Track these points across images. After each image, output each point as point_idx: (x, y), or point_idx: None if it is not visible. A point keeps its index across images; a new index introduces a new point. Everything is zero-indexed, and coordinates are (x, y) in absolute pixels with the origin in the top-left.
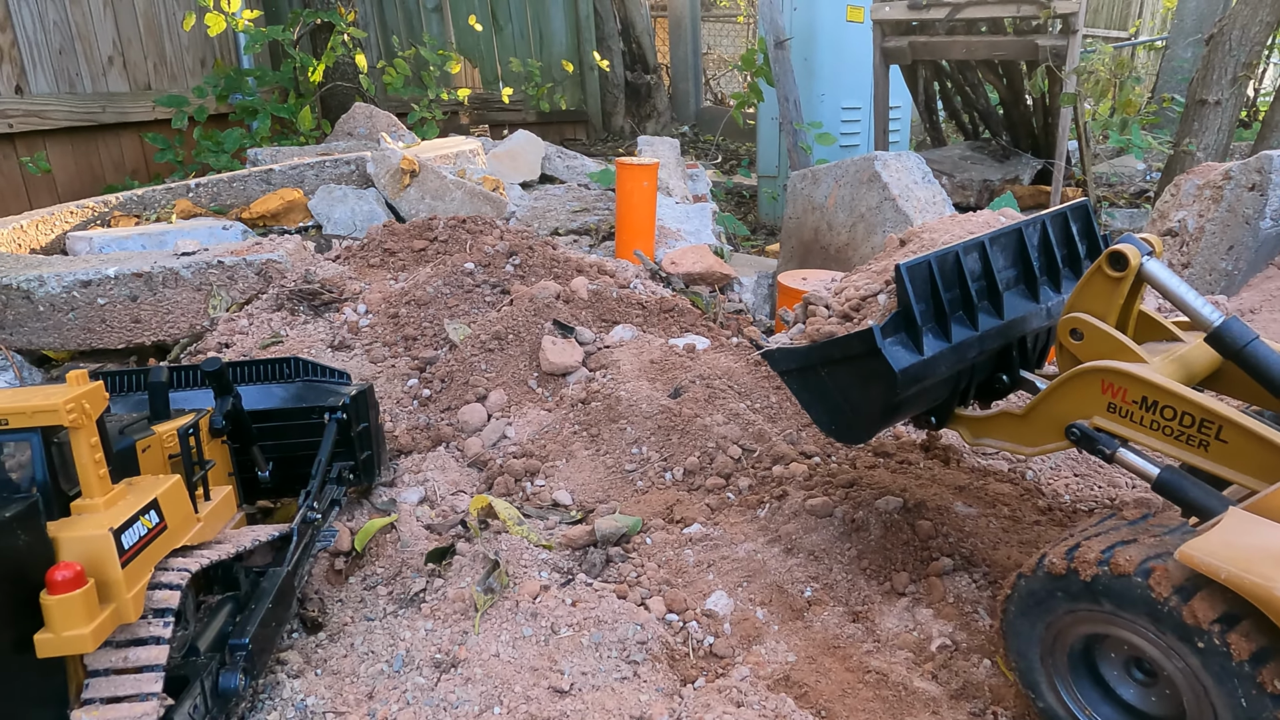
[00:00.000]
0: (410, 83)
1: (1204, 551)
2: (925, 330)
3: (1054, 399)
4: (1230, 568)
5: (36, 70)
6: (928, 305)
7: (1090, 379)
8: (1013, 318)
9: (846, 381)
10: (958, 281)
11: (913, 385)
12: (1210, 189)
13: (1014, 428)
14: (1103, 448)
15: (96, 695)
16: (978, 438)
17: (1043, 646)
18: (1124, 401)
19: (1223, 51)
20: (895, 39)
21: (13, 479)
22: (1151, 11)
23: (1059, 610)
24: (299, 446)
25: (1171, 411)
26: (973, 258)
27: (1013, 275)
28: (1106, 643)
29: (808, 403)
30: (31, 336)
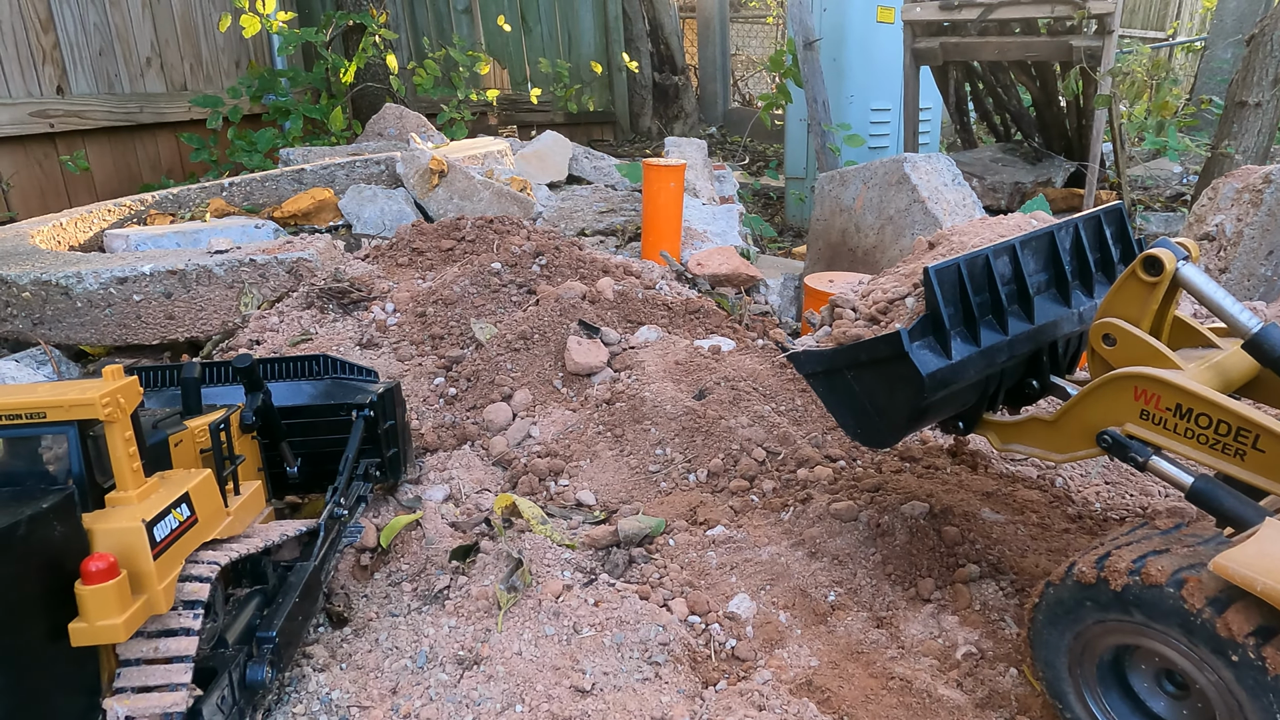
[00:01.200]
0: (440, 84)
1: (1239, 563)
2: (953, 334)
3: (1085, 405)
4: (1266, 579)
5: (77, 71)
6: (956, 309)
7: (1123, 385)
8: (1043, 322)
9: (873, 385)
10: (987, 285)
11: (940, 390)
12: (1249, 193)
13: (1044, 434)
14: (1135, 455)
15: (128, 684)
16: (1006, 444)
17: (1071, 656)
18: (1158, 409)
19: (1264, 52)
20: (926, 40)
21: (49, 471)
22: (1190, 12)
23: (1088, 620)
24: (327, 443)
25: (1207, 419)
26: (1003, 261)
27: (1044, 279)
28: (1137, 654)
29: (833, 406)
30: (69, 332)
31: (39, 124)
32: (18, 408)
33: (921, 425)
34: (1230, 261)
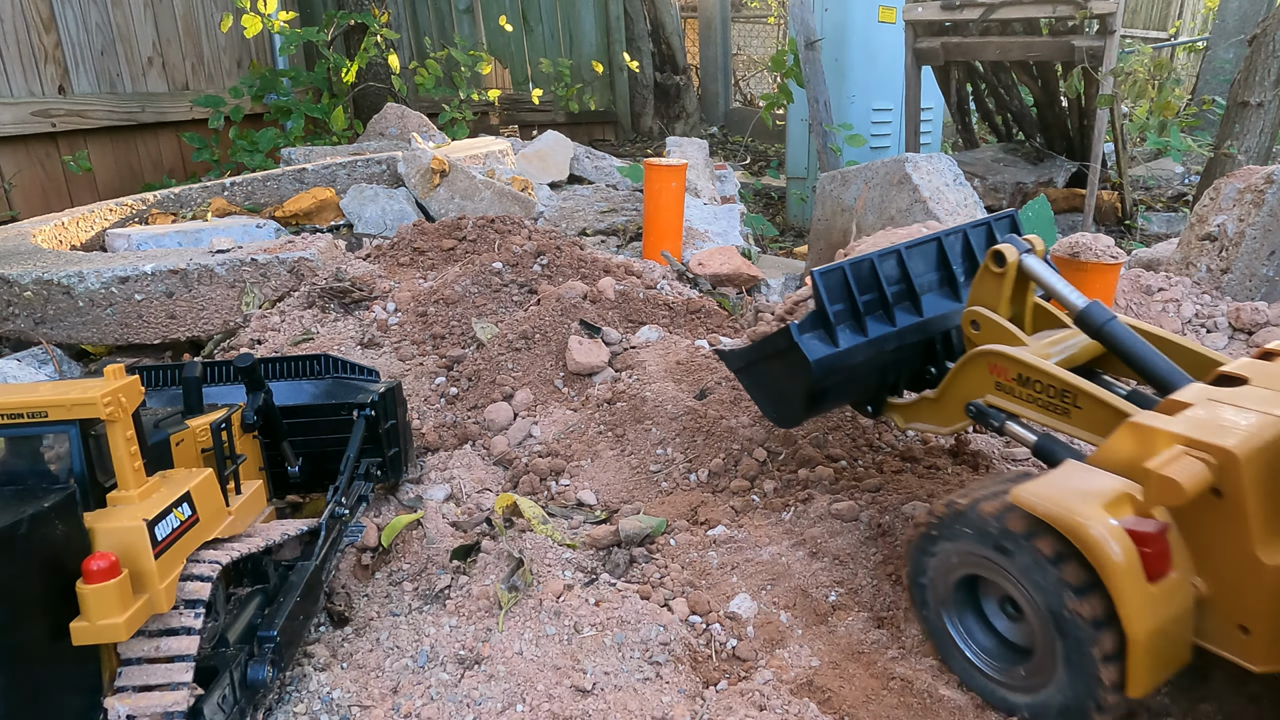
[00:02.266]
0: (441, 83)
1: (1027, 491)
2: (840, 327)
3: (956, 382)
4: (1044, 502)
5: (79, 71)
6: (845, 305)
7: (980, 362)
8: (932, 315)
9: (778, 373)
10: (874, 285)
11: (831, 375)
12: (1251, 193)
13: (931, 411)
14: (993, 421)
15: (129, 683)
16: (908, 423)
17: (933, 581)
18: (1006, 380)
19: (1266, 53)
20: (928, 40)
21: (51, 470)
22: (1192, 12)
23: (943, 548)
24: (328, 442)
25: (1040, 385)
26: (889, 263)
27: (934, 279)
28: (985, 584)
29: (754, 394)
30: (71, 331)
31: (41, 123)
32: (19, 407)
33: (824, 407)
34: (1232, 262)
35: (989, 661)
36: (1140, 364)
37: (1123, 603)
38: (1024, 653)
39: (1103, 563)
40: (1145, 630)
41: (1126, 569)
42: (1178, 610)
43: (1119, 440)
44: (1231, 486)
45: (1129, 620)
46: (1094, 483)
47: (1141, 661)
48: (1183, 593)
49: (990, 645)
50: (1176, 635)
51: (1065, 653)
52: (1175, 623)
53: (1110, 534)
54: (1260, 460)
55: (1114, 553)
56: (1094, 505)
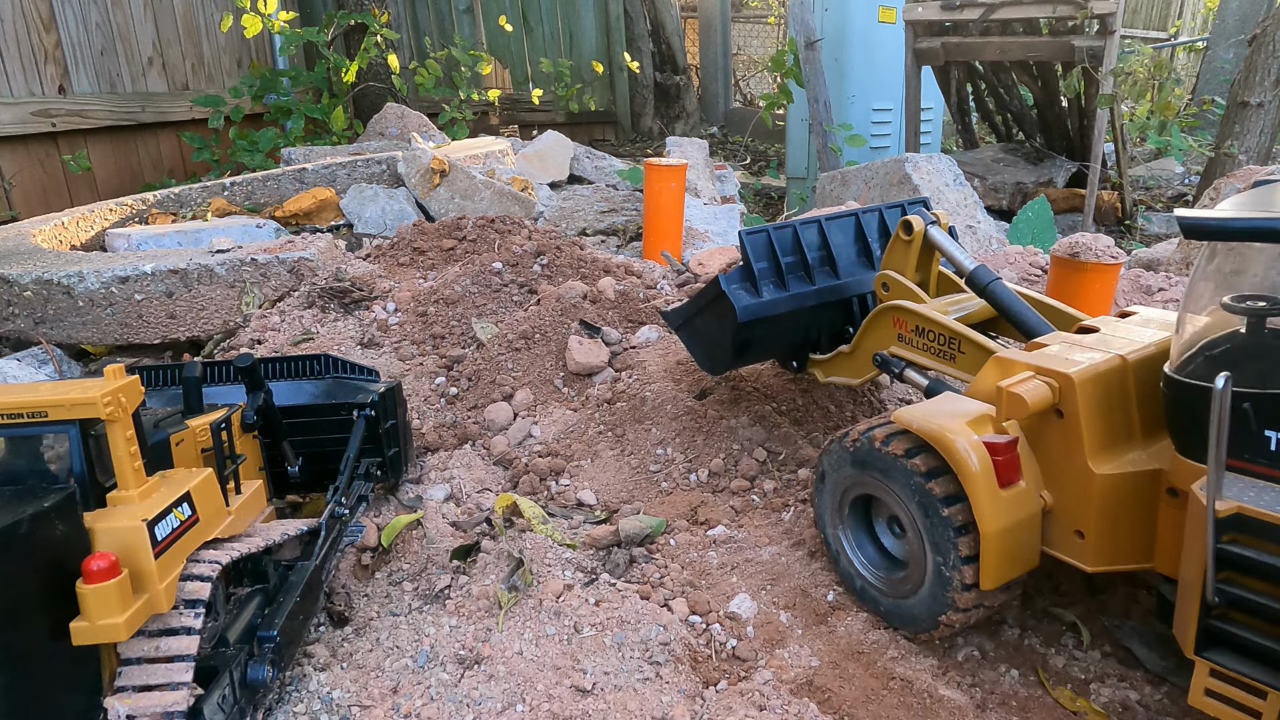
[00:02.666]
0: (441, 83)
1: (907, 413)
2: (764, 282)
3: (865, 336)
4: (919, 420)
5: (79, 71)
6: (768, 264)
7: (885, 316)
8: (849, 279)
9: (710, 323)
10: (797, 249)
11: (756, 326)
12: None
13: (846, 364)
14: (894, 369)
15: (129, 683)
16: (827, 376)
17: (832, 502)
18: (907, 331)
19: (1266, 53)
20: (928, 40)
21: (51, 470)
22: (1192, 12)
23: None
24: (328, 442)
25: (933, 334)
26: (811, 231)
27: (853, 250)
28: (876, 505)
29: (691, 348)
30: (71, 331)
31: (41, 123)
32: (19, 407)
33: (751, 356)
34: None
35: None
36: (1016, 318)
37: (978, 505)
38: (904, 565)
39: (963, 470)
40: (996, 529)
41: (982, 475)
42: (1025, 515)
43: (985, 372)
44: (1070, 407)
45: (982, 520)
46: (962, 406)
47: (993, 557)
48: (1030, 500)
49: (876, 558)
50: (1024, 539)
51: (932, 543)
52: (1023, 526)
53: (970, 446)
54: (1094, 386)
55: (972, 462)
56: (959, 423)
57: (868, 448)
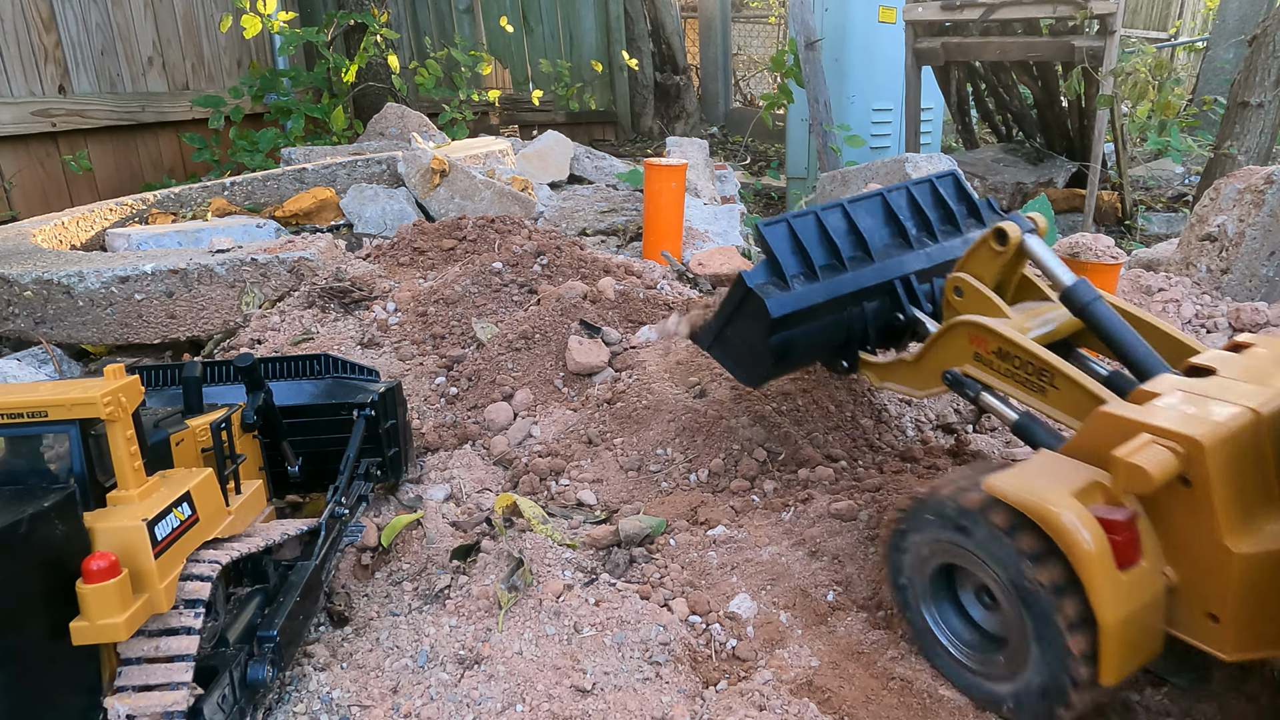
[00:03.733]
0: (441, 83)
1: (1003, 481)
2: (792, 275)
3: (935, 349)
4: (1017, 491)
5: (79, 71)
6: (794, 255)
7: (960, 332)
8: (886, 261)
9: (743, 330)
10: (823, 236)
11: (791, 321)
12: (1251, 193)
13: (907, 373)
14: (968, 391)
15: (129, 683)
16: (882, 381)
17: (911, 568)
18: (986, 352)
19: (1266, 53)
20: (928, 40)
21: (51, 470)
22: (1192, 12)
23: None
24: (328, 442)
25: (1019, 361)
26: (835, 216)
27: (885, 232)
28: (961, 573)
29: (726, 363)
30: (71, 330)
31: (41, 123)
32: (19, 406)
33: (794, 360)
34: (1232, 262)
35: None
36: (1120, 347)
37: (1095, 592)
38: (1000, 641)
39: (1075, 552)
40: (1116, 618)
41: (1097, 556)
42: (1148, 598)
43: (1090, 429)
44: (1199, 475)
45: (1100, 608)
46: (1065, 471)
47: (1113, 649)
48: (1153, 580)
49: (969, 636)
50: (1148, 624)
51: (1037, 635)
52: (1146, 610)
53: (1082, 524)
54: (1226, 450)
55: (1084, 540)
56: (1064, 493)
57: (956, 513)
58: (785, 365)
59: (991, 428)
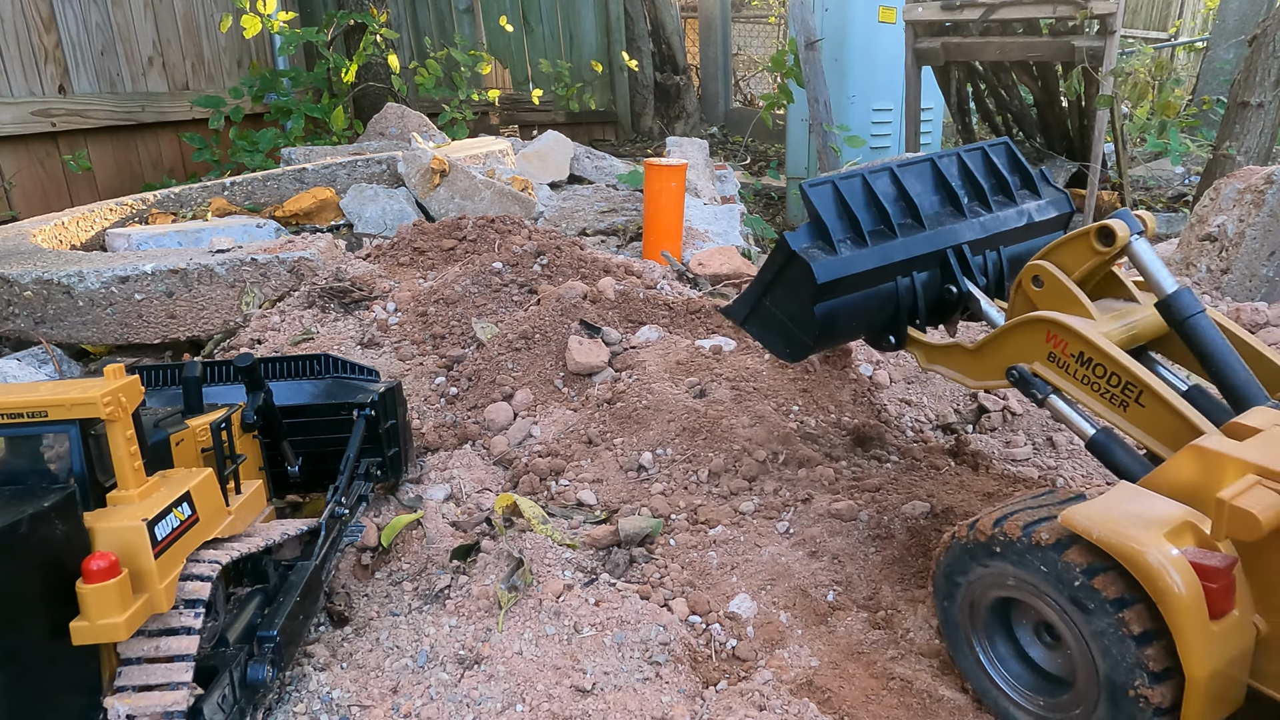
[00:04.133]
0: (441, 83)
1: (1084, 516)
2: (839, 238)
3: (1003, 341)
4: (1101, 528)
5: (79, 71)
6: (840, 219)
7: (1037, 328)
8: (938, 228)
9: (783, 298)
10: (871, 199)
11: (838, 289)
12: (1251, 193)
13: (964, 360)
14: (1036, 392)
15: (129, 683)
16: (931, 363)
17: (963, 602)
18: (1063, 354)
19: (1266, 53)
20: (928, 40)
21: (51, 470)
22: (1192, 12)
23: (973, 570)
24: (328, 442)
25: (1102, 370)
26: (883, 180)
27: (937, 199)
28: (1019, 608)
29: (766, 339)
30: (71, 330)
31: (41, 123)
32: (19, 406)
33: (838, 333)
34: (1232, 262)
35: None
36: (1219, 369)
37: (1185, 643)
38: (1061, 682)
39: (1164, 596)
40: (1207, 672)
41: (1190, 604)
42: (1239, 650)
43: (1182, 464)
44: None
45: (1189, 660)
46: (1153, 508)
47: (1199, 705)
48: (1244, 631)
49: (1026, 676)
50: (1235, 677)
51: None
52: (1235, 664)
53: (1174, 568)
54: None
55: (1178, 588)
56: (1156, 534)
57: (1026, 548)
58: (829, 338)
59: (991, 428)
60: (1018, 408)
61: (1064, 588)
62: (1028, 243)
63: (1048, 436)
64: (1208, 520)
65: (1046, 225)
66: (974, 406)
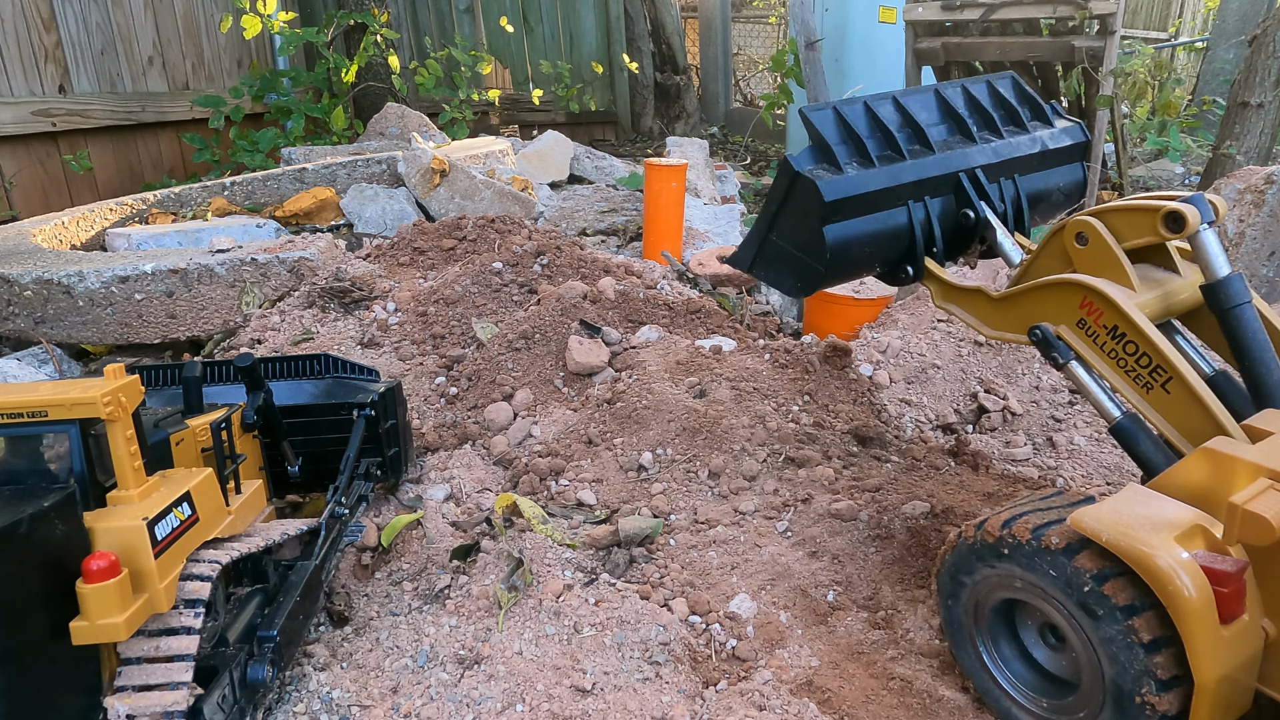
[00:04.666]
0: (442, 83)
1: (1093, 518)
2: (845, 160)
3: (1033, 296)
4: (1111, 531)
5: (79, 70)
6: (844, 142)
7: (1073, 291)
8: (948, 152)
9: (792, 225)
10: (875, 124)
11: (847, 210)
12: (1251, 193)
13: (985, 307)
14: (1057, 355)
15: (129, 683)
16: (945, 300)
17: (967, 603)
18: (1095, 323)
19: (1266, 53)
20: (928, 40)
21: (51, 469)
22: (1192, 12)
23: (979, 571)
24: (328, 442)
25: (1134, 348)
26: (887, 107)
27: (945, 127)
28: (1024, 610)
29: (776, 279)
30: (71, 330)
31: (41, 123)
32: (19, 406)
33: (851, 262)
34: (1232, 262)
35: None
36: (1251, 363)
37: (1195, 648)
38: (1065, 684)
39: (1174, 600)
40: (1216, 677)
41: (1200, 609)
42: (1247, 655)
43: (1193, 466)
44: None
45: (1199, 665)
46: (1163, 511)
47: (1207, 708)
48: (1253, 635)
49: (1029, 677)
50: (1243, 682)
51: (1116, 687)
52: (1243, 669)
53: (1185, 572)
54: None
55: (1189, 593)
56: (1166, 537)
57: (1035, 552)
58: (842, 267)
59: (991, 428)
60: (1018, 408)
61: (1073, 593)
62: (1045, 174)
63: (1048, 437)
64: (1219, 524)
65: (1063, 154)
66: (974, 407)
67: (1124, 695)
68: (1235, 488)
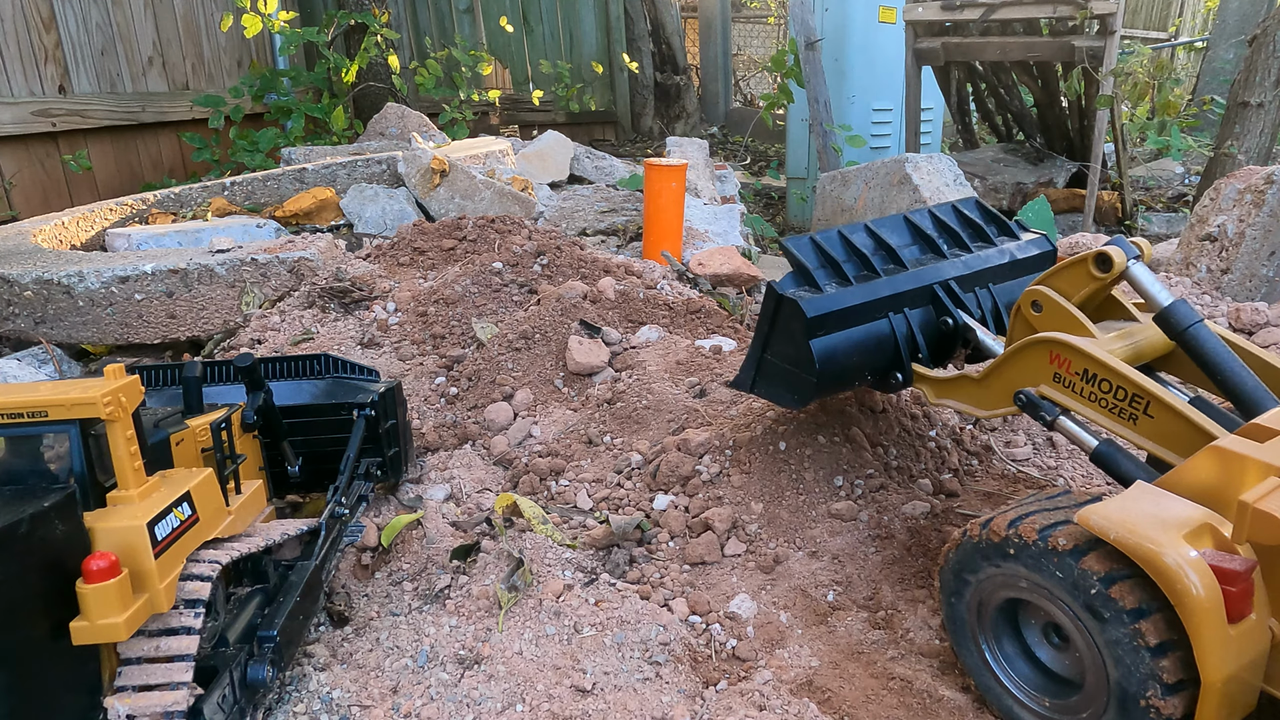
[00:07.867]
0: (442, 83)
1: (1101, 516)
2: (824, 281)
3: (1007, 366)
4: (1119, 529)
5: (79, 70)
6: (821, 265)
7: (1040, 350)
8: (919, 268)
9: (782, 344)
10: (849, 250)
11: (830, 326)
12: (1252, 193)
13: (972, 390)
14: (1044, 414)
15: (129, 683)
16: (939, 398)
17: (971, 602)
18: (1068, 373)
19: (1266, 53)
20: (928, 40)
21: (51, 470)
22: (1192, 11)
23: (983, 570)
24: (328, 442)
25: (1108, 385)
26: (860, 234)
27: (916, 247)
28: (1027, 609)
29: (775, 395)
30: (71, 330)
31: (41, 123)
32: (19, 406)
33: (838, 375)
34: (1232, 262)
35: (1031, 693)
36: (1223, 376)
37: (1202, 648)
38: (1068, 684)
39: (1183, 603)
40: (1223, 676)
41: (1208, 608)
42: (1255, 654)
43: (1201, 465)
44: None
45: (1206, 667)
46: (1170, 510)
47: (1213, 710)
48: (1261, 634)
49: (1032, 676)
50: (1249, 681)
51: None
52: (1250, 669)
53: (1194, 571)
54: None
55: (1197, 592)
56: (1175, 535)
57: (1041, 552)
58: (832, 378)
59: (991, 428)
60: None
61: (1080, 594)
62: (1019, 281)
63: (1048, 437)
64: (1228, 522)
65: (1031, 263)
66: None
67: (1129, 698)
68: (1245, 486)
